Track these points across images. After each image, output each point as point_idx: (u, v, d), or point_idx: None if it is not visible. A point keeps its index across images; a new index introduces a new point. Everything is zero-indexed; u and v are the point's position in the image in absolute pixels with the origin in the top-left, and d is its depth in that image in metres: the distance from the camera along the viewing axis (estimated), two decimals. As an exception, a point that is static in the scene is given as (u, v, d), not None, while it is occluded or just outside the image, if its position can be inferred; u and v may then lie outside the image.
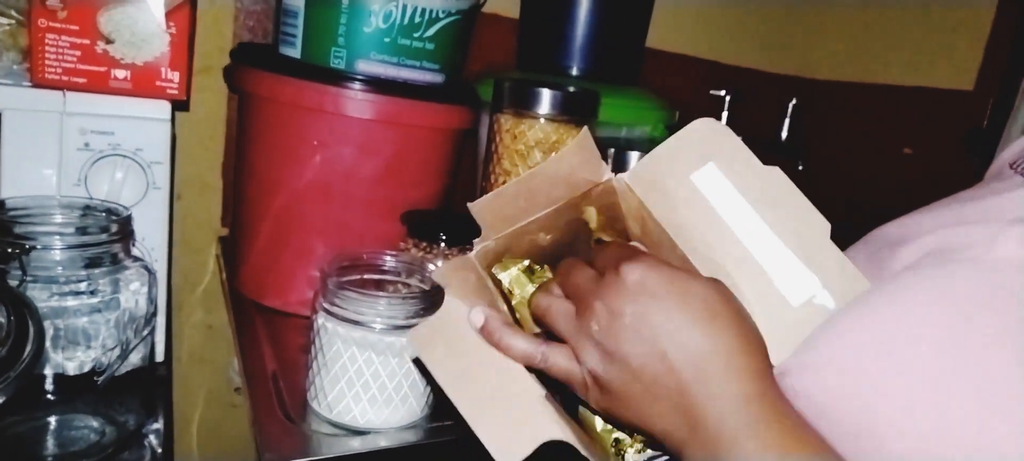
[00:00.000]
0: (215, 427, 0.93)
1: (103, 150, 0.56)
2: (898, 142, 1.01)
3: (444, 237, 0.62)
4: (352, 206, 0.65)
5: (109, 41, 0.55)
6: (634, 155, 0.70)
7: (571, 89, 0.66)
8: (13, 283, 0.45)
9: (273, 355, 0.62)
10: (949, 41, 0.98)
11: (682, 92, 0.97)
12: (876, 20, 1.08)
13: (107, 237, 0.48)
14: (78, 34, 0.54)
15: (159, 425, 0.57)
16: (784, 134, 0.99)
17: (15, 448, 0.50)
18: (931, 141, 0.97)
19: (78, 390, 0.51)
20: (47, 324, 0.46)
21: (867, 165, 1.05)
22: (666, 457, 0.39)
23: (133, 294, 0.50)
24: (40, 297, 0.46)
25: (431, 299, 0.52)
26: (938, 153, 0.96)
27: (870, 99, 1.06)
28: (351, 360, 0.51)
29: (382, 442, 0.52)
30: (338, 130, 0.63)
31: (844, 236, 0.40)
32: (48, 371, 0.50)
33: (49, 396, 0.51)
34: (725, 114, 0.96)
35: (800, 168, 0.96)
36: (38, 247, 0.46)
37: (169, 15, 0.56)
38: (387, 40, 0.63)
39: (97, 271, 0.48)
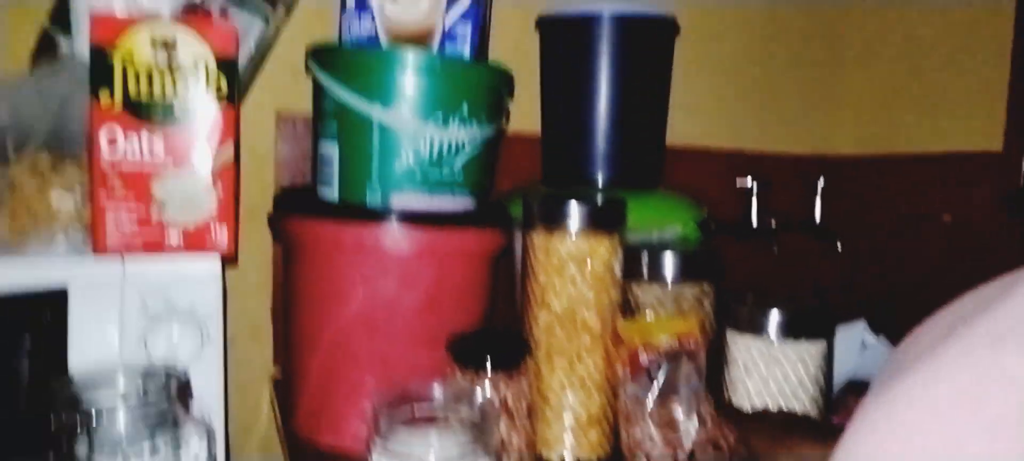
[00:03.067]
0: None
1: (160, 310, 0.59)
2: (936, 210, 0.99)
3: (490, 361, 0.62)
4: (397, 338, 0.66)
5: (163, 207, 0.59)
6: (668, 258, 0.70)
7: (598, 200, 0.68)
8: (82, 452, 0.46)
9: (330, 496, 0.62)
10: (969, 103, 0.98)
11: (708, 185, 0.98)
12: (892, 91, 1.10)
13: (167, 401, 0.50)
14: (135, 203, 0.58)
15: None
16: (817, 216, 0.99)
17: None
18: (969, 206, 0.96)
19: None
20: (112, 493, 0.47)
21: (908, 237, 1.04)
22: None
23: (193, 453, 0.51)
24: (105, 466, 0.47)
25: (483, 430, 0.52)
26: (978, 217, 0.95)
27: (900, 170, 1.06)
28: (407, 498, 0.50)
29: None
30: (378, 265, 0.65)
31: (895, 320, 0.40)
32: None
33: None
34: (754, 202, 0.96)
35: (840, 248, 0.95)
36: (104, 419, 0.47)
37: (216, 176, 0.60)
38: (417, 174, 0.66)
39: (158, 435, 0.49)
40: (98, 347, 0.57)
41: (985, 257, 0.92)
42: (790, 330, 0.62)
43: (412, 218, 0.66)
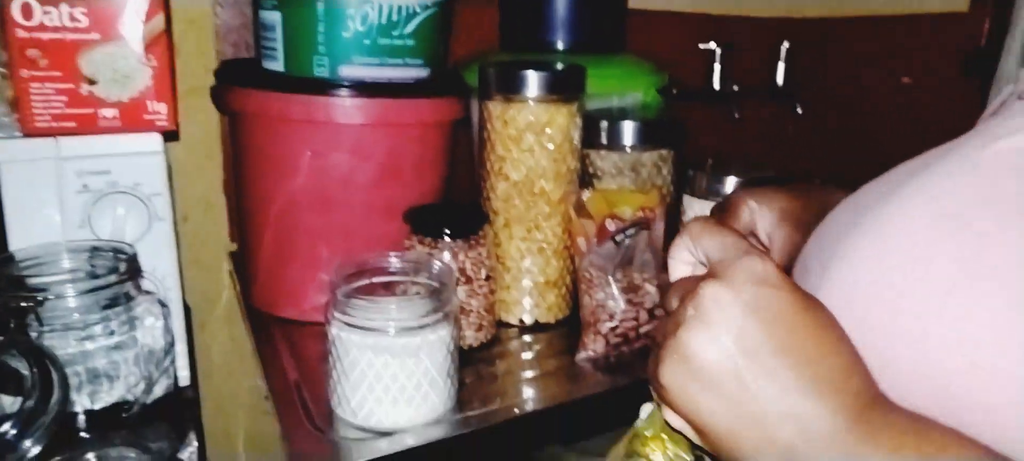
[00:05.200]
0: (261, 438, 0.95)
1: (102, 189, 0.57)
2: (898, 72, 0.99)
3: (448, 231, 0.62)
4: (353, 211, 0.65)
5: (92, 82, 0.55)
6: (628, 125, 0.70)
7: (557, 67, 0.66)
8: (32, 335, 0.46)
9: (294, 365, 0.63)
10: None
11: (671, 50, 0.96)
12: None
13: (117, 278, 0.49)
14: (61, 79, 0.54)
15: (193, 448, 0.58)
16: (780, 80, 0.98)
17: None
18: (929, 68, 0.96)
19: (110, 425, 0.52)
20: (69, 371, 0.47)
21: (866, 100, 1.04)
22: None
23: (149, 329, 0.51)
24: (58, 345, 0.47)
25: (440, 297, 0.53)
26: (937, 79, 0.95)
27: (863, 31, 1.04)
28: (369, 365, 0.52)
29: (409, 441, 0.53)
30: (329, 138, 0.63)
31: (852, 178, 0.40)
32: (78, 409, 0.51)
33: (83, 434, 0.52)
34: (717, 66, 0.94)
35: (799, 111, 0.95)
36: (51, 297, 0.47)
37: (148, 48, 0.56)
38: (367, 42, 0.62)
39: (111, 312, 0.49)
40: (40, 229, 0.55)
41: (943, 119, 0.92)
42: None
43: (363, 88, 0.63)
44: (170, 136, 0.70)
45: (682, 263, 0.35)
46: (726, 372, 0.29)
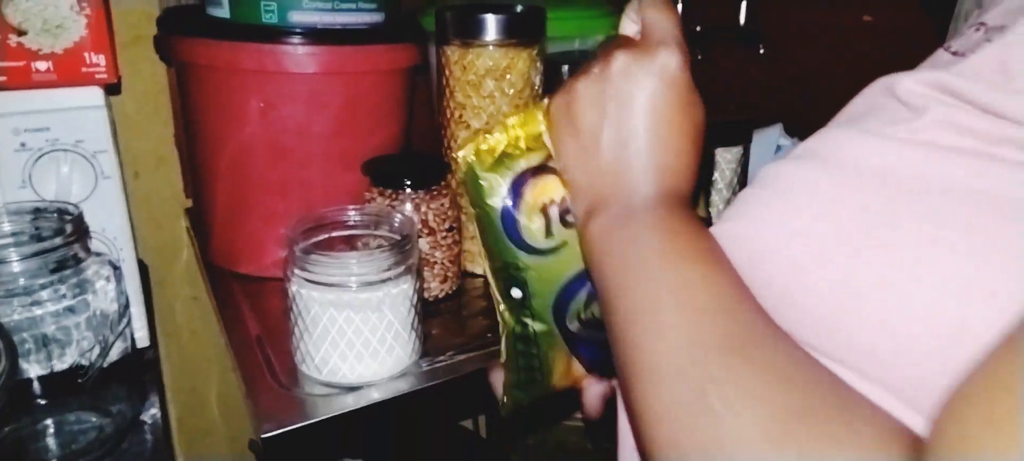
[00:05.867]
0: (232, 395, 0.94)
1: (42, 147, 0.54)
2: (857, 11, 0.99)
3: (409, 182, 0.61)
4: (310, 163, 0.64)
5: (21, 32, 0.52)
6: (588, 69, 0.68)
7: (517, 9, 0.64)
8: (-26, 302, 0.44)
9: (257, 322, 0.62)
10: None
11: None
12: None
13: (62, 240, 0.47)
14: (-13, 30, 0.51)
15: (156, 409, 0.58)
16: (742, 19, 0.97)
17: (19, 453, 0.50)
18: (890, 6, 0.95)
19: (67, 390, 0.51)
20: (17, 338, 0.45)
21: (828, 40, 1.04)
22: None
23: (101, 292, 0.50)
24: (3, 312, 0.45)
25: (402, 250, 0.52)
26: (899, 18, 0.95)
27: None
28: (331, 322, 0.51)
29: (375, 395, 0.53)
30: (282, 89, 0.61)
31: (814, 121, 0.39)
32: (32, 376, 0.50)
33: (39, 400, 0.51)
34: (680, 6, 0.93)
35: (762, 52, 0.94)
36: (-8, 263, 0.45)
37: (81, -6, 0.53)
38: (318, -14, 0.60)
39: (58, 276, 0.47)
40: (-24, 191, 0.53)
41: (905, 57, 0.93)
42: (708, 139, 0.63)
43: (316, 35, 0.60)
44: (113, 89, 0.67)
45: (631, 23, 0.37)
46: (590, 127, 0.34)
